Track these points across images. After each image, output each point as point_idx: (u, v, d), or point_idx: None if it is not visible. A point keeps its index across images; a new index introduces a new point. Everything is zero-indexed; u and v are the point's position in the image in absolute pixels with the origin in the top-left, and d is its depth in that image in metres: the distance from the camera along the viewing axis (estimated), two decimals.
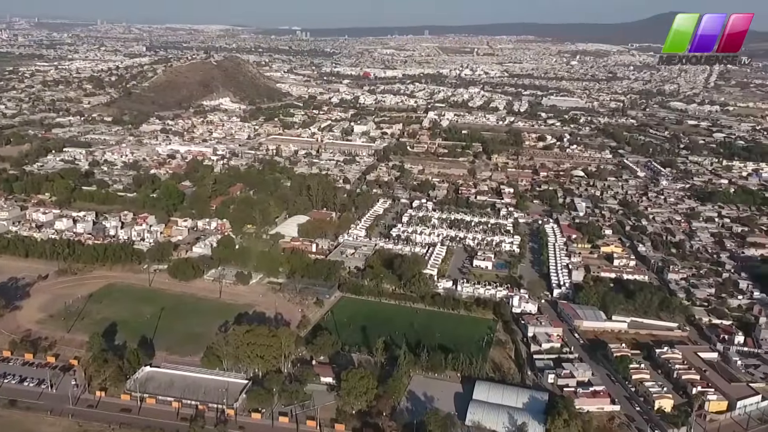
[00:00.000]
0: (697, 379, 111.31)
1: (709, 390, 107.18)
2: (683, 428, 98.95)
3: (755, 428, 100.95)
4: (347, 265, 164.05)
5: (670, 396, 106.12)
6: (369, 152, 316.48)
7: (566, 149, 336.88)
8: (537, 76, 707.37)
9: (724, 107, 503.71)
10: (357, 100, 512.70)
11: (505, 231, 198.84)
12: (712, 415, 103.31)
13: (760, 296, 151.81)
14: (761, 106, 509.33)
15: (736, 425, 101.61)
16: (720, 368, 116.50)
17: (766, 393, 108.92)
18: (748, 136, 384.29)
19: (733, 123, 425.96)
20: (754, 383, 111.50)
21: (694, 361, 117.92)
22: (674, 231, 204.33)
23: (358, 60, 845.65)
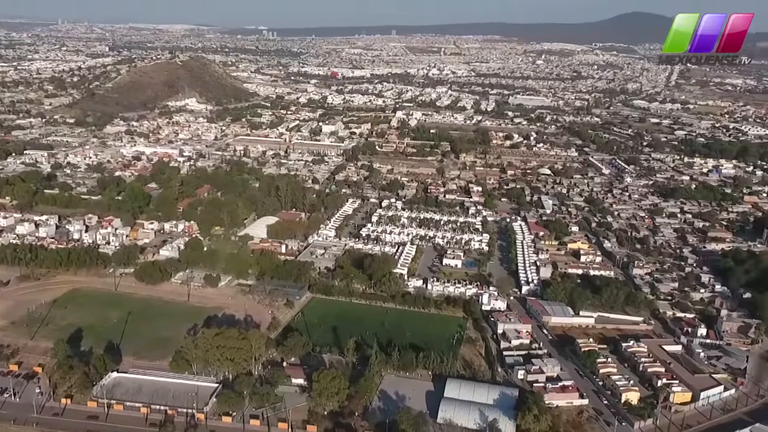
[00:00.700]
0: (662, 371, 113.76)
1: (674, 382, 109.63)
2: (649, 420, 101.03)
3: (718, 418, 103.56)
4: (317, 265, 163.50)
5: (636, 389, 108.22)
6: (338, 152, 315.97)
7: (533, 148, 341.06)
8: (503, 76, 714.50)
9: (684, 105, 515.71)
10: (325, 100, 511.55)
11: (474, 229, 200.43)
12: (676, 406, 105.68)
13: (721, 289, 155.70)
14: (720, 104, 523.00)
15: (700, 415, 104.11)
16: (684, 360, 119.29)
17: (728, 383, 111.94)
18: (708, 133, 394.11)
19: (694, 121, 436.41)
20: (716, 374, 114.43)
21: (659, 354, 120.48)
22: (638, 227, 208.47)
23: (325, 60, 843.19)
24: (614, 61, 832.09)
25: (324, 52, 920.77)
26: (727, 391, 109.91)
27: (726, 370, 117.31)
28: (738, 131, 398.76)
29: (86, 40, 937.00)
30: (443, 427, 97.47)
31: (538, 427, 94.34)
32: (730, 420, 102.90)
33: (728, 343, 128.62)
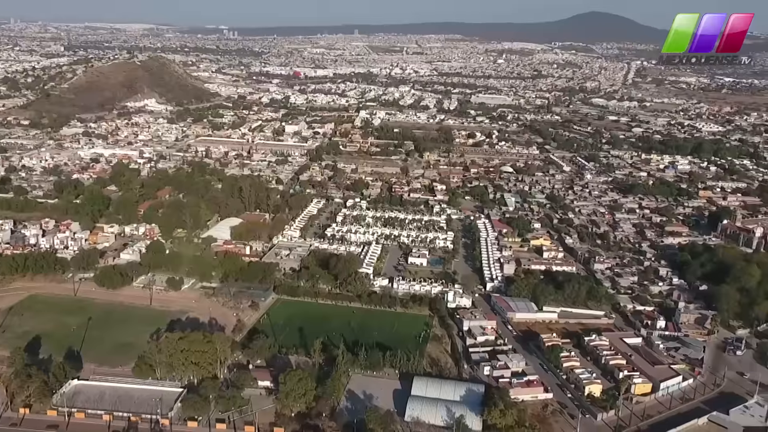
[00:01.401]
0: (624, 363, 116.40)
1: (635, 374, 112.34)
2: (612, 411, 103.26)
3: (677, 407, 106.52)
4: (282, 266, 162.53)
5: (599, 381, 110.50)
6: (301, 152, 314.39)
7: (495, 146, 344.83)
8: (465, 75, 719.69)
9: (641, 103, 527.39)
10: (288, 100, 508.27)
11: (439, 227, 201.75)
12: (638, 397, 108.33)
13: (678, 282, 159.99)
14: (675, 101, 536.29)
15: (660, 405, 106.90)
16: (644, 352, 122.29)
17: (686, 373, 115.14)
18: (664, 130, 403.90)
19: (650, 118, 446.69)
20: (675, 365, 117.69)
21: (620, 347, 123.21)
22: (599, 223, 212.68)
23: (287, 59, 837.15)
24: (573, 60, 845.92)
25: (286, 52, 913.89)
26: (686, 381, 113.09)
27: (684, 360, 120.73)
28: (693, 128, 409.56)
29: (40, 39, 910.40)
30: (411, 426, 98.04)
31: (504, 422, 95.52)
32: (688, 409, 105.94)
33: (686, 335, 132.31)
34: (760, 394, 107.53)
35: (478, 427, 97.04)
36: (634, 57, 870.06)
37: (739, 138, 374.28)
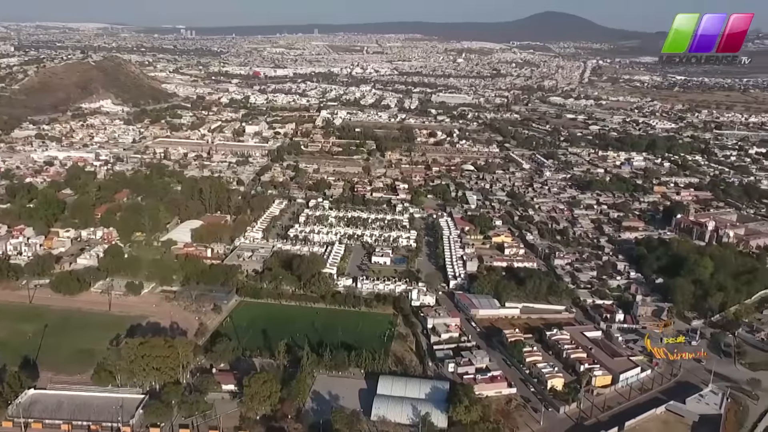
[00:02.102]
0: (584, 357, 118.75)
1: (595, 366, 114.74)
2: (574, 404, 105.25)
3: (636, 398, 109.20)
4: (245, 268, 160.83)
5: (560, 375, 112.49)
6: (262, 153, 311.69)
7: (456, 144, 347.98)
8: (426, 74, 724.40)
9: (597, 101, 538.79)
10: (248, 100, 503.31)
11: (402, 226, 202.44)
12: (598, 389, 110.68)
13: (636, 276, 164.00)
14: (630, 99, 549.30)
15: (620, 396, 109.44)
16: (604, 345, 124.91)
17: (645, 365, 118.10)
18: (620, 127, 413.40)
19: (606, 116, 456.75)
20: (633, 357, 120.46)
21: (581, 341, 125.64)
22: (558, 219, 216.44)
23: (247, 59, 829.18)
24: (531, 59, 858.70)
25: (245, 52, 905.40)
26: (644, 372, 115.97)
27: (642, 352, 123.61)
28: (647, 125, 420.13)
29: None
30: (377, 425, 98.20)
31: (470, 418, 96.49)
32: (647, 399, 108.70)
33: (644, 327, 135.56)
34: (715, 383, 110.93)
35: (444, 424, 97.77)
36: (590, 56, 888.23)
37: (691, 134, 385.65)
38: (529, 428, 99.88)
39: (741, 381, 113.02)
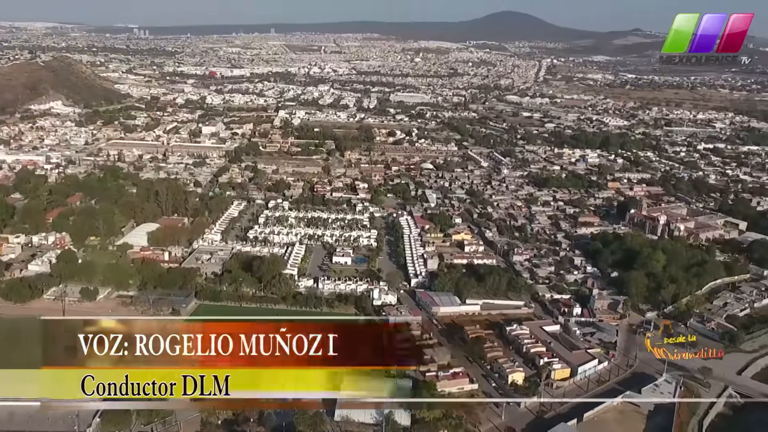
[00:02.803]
0: (544, 351, 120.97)
1: (554, 360, 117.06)
2: (534, 397, 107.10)
3: (594, 389, 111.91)
4: (203, 271, 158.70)
5: (521, 369, 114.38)
6: (220, 154, 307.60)
7: (415, 143, 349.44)
8: (384, 73, 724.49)
9: (552, 99, 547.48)
10: (204, 101, 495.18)
11: (362, 226, 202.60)
12: (557, 382, 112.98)
13: (592, 270, 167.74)
14: (584, 97, 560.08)
15: (578, 389, 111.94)
16: (562, 339, 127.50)
17: (602, 357, 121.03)
18: (575, 125, 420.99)
19: (561, 114, 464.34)
20: (591, 349, 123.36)
21: (540, 335, 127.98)
22: (516, 216, 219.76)
23: (202, 59, 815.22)
24: (488, 58, 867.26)
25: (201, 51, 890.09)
26: (601, 364, 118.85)
27: (599, 344, 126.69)
28: (600, 123, 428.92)
29: None
30: (341, 425, 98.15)
31: (432, 415, 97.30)
32: (604, 390, 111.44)
33: (600, 320, 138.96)
34: (669, 372, 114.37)
35: (407, 422, 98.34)
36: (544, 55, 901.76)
37: (642, 131, 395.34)
38: (491, 423, 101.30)
39: (693, 370, 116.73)
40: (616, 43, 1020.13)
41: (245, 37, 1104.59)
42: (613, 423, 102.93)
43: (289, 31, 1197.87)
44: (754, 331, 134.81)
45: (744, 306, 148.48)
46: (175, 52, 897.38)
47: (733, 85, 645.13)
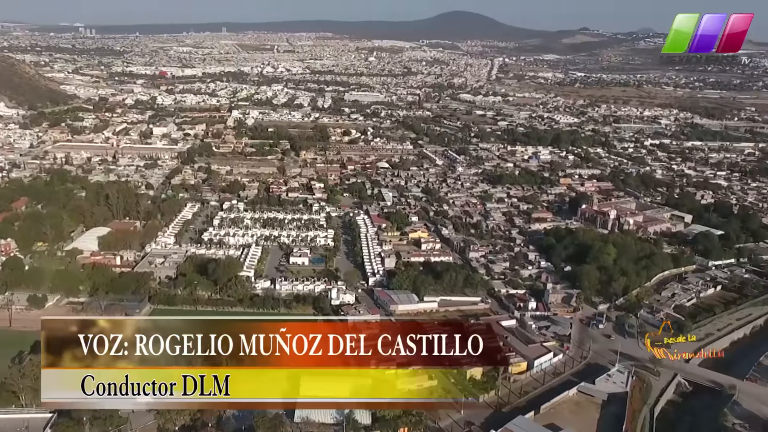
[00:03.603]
0: (501, 345, 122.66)
1: (511, 354, 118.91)
2: (492, 392, 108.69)
3: (550, 382, 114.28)
4: (157, 275, 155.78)
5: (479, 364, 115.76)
6: (172, 155, 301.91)
7: (370, 142, 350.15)
8: (338, 73, 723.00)
9: (505, 98, 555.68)
10: (154, 101, 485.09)
11: (319, 226, 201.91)
12: (515, 376, 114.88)
13: (546, 265, 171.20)
14: (535, 95, 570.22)
15: (535, 382, 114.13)
16: (518, 333, 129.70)
17: (557, 350, 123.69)
18: (527, 123, 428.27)
19: (514, 112, 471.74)
20: (546, 342, 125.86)
21: (497, 330, 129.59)
22: (472, 213, 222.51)
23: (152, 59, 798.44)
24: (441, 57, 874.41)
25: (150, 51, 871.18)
26: (556, 357, 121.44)
27: (554, 337, 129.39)
28: (551, 120, 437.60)
29: None
30: (301, 426, 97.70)
31: (393, 413, 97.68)
32: (560, 382, 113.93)
33: (554, 313, 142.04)
34: (621, 363, 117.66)
35: (368, 421, 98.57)
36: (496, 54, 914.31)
37: (592, 128, 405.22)
38: (450, 418, 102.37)
39: (644, 359, 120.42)
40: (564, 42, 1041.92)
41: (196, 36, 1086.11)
42: (569, 413, 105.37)
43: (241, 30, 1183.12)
44: (700, 320, 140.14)
45: (690, 296, 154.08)
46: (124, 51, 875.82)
47: (677, 83, 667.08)
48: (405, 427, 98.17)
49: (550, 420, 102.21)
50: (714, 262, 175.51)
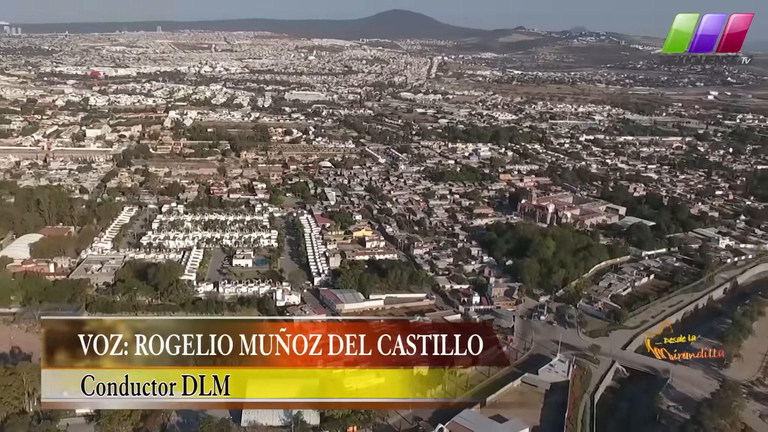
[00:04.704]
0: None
1: None
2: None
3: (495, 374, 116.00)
4: (94, 282, 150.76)
5: None
6: (107, 158, 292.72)
7: (312, 142, 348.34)
8: (278, 72, 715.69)
9: (445, 96, 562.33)
10: (87, 102, 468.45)
11: (262, 227, 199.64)
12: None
13: (488, 260, 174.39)
14: (474, 93, 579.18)
15: (480, 374, 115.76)
16: None
17: (501, 342, 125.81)
18: (467, 120, 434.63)
19: (454, 109, 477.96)
20: None
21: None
22: (415, 210, 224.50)
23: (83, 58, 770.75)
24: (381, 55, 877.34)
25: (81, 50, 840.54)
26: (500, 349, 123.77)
27: (498, 330, 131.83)
28: (490, 117, 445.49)
29: None
30: (248, 430, 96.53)
31: (341, 413, 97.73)
32: (504, 374, 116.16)
33: (498, 307, 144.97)
34: (562, 352, 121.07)
35: (316, 421, 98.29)
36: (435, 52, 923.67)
37: (529, 125, 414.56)
38: (398, 414, 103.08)
39: (584, 348, 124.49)
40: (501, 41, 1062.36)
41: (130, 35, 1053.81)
42: (514, 404, 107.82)
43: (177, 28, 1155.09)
44: (635, 308, 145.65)
45: (626, 285, 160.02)
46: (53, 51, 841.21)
47: (608, 80, 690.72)
48: (354, 426, 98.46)
49: (496, 411, 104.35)
50: (647, 252, 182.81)
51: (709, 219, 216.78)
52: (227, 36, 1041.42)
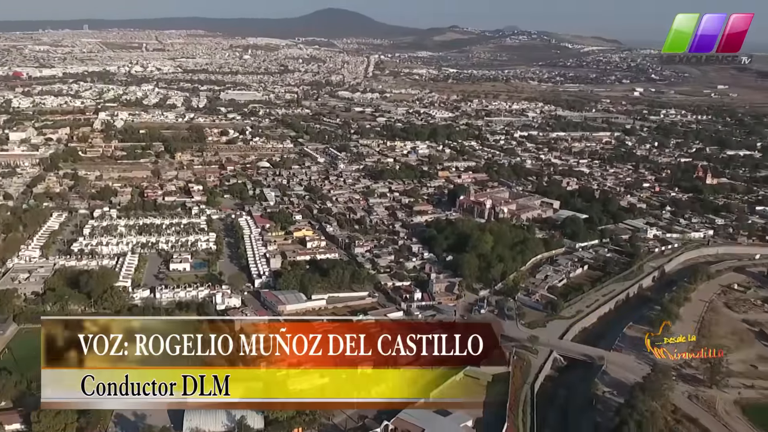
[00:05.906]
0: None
1: None
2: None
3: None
4: (22, 292, 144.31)
5: None
6: (33, 162, 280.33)
7: (249, 142, 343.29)
8: (212, 71, 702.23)
9: (382, 94, 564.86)
10: (9, 104, 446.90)
11: (200, 229, 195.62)
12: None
13: (429, 256, 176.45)
14: (411, 91, 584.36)
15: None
16: None
17: None
18: (404, 118, 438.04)
19: (391, 108, 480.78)
20: None
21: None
22: (355, 209, 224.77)
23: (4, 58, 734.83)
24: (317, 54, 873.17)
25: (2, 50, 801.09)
26: None
27: None
28: (428, 115, 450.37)
29: None
30: None
31: (286, 414, 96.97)
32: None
33: (439, 302, 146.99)
34: (502, 344, 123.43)
35: (261, 425, 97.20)
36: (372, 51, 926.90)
37: (465, 122, 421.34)
38: (344, 413, 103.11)
39: (523, 339, 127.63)
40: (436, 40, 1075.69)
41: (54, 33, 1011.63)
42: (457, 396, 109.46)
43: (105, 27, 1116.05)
44: (571, 298, 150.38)
45: (561, 277, 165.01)
46: None
47: (540, 78, 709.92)
48: (299, 428, 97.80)
49: (440, 405, 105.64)
50: (580, 243, 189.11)
51: (638, 210, 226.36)
52: (159, 35, 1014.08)
